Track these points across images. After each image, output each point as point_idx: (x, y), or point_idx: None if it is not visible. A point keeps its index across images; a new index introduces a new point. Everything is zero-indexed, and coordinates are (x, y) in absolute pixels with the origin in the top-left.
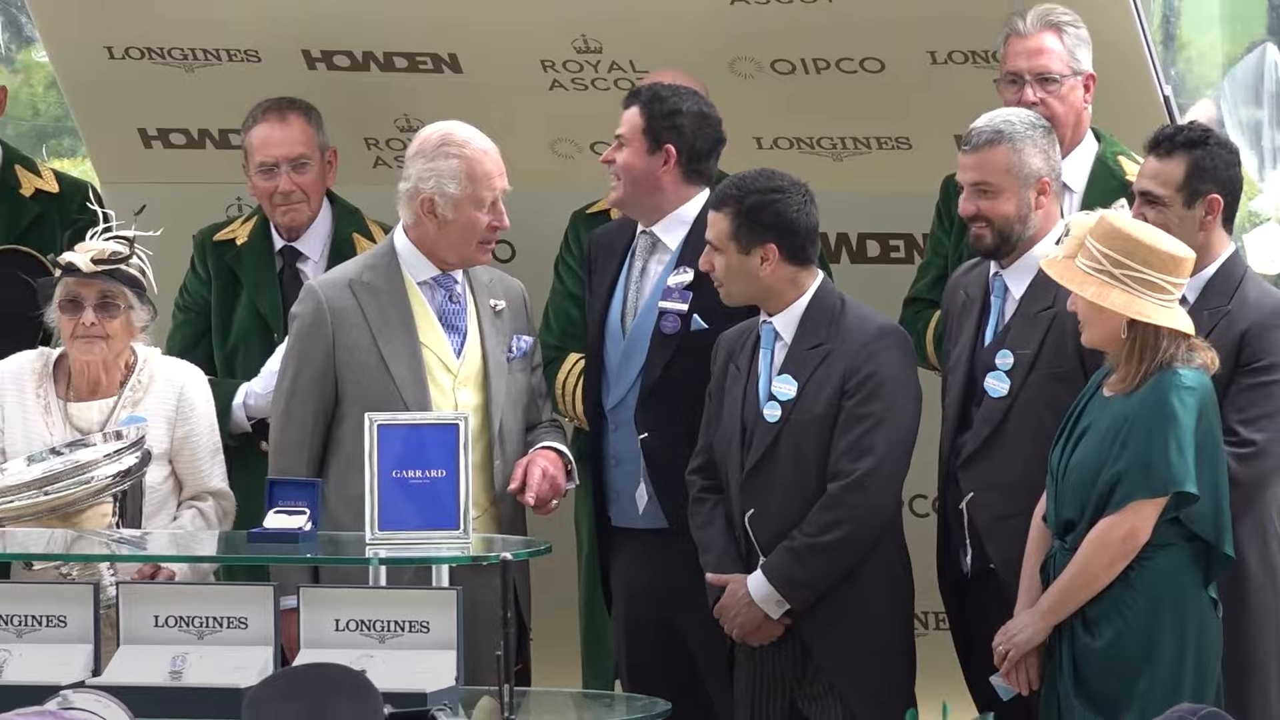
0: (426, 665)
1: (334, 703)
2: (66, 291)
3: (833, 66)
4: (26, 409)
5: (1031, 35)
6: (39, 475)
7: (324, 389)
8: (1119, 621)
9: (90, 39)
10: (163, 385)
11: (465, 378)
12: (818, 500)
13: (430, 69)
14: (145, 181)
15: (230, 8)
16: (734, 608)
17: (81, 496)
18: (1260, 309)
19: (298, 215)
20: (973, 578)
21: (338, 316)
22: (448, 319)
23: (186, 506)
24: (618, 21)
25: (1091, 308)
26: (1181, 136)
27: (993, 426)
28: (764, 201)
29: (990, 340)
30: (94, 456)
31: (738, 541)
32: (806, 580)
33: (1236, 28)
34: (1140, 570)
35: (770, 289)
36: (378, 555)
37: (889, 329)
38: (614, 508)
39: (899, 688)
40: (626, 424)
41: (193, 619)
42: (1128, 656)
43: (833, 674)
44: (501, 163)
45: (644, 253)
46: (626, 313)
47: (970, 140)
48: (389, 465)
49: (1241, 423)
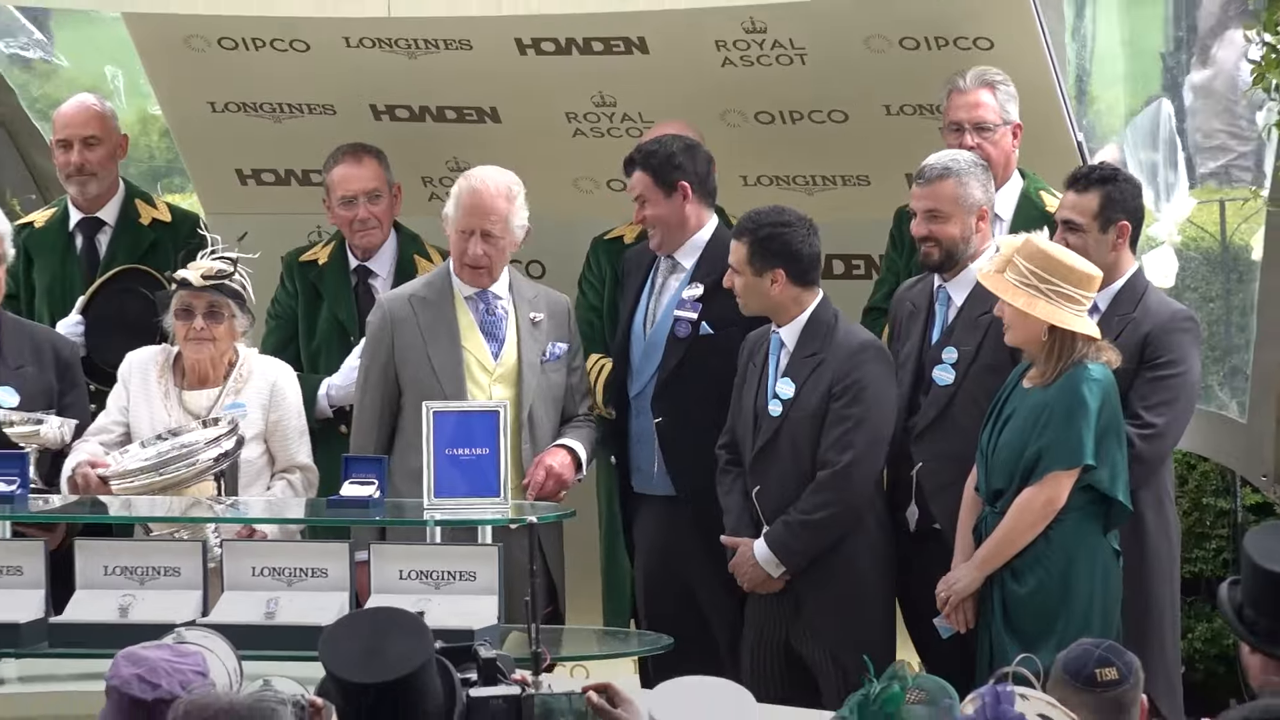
0: (473, 608)
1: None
2: (180, 301)
3: (805, 118)
4: (150, 394)
5: (970, 91)
6: (153, 459)
7: (387, 383)
8: (1040, 572)
9: (196, 96)
10: (259, 378)
11: (500, 376)
12: (810, 483)
13: (475, 120)
14: (241, 213)
15: (310, 70)
16: (743, 566)
17: (188, 476)
18: (1160, 315)
19: (373, 239)
20: (915, 536)
21: (397, 324)
22: (487, 328)
23: (278, 478)
24: (629, 81)
25: (1017, 314)
26: (1096, 174)
27: (939, 409)
28: (774, 233)
29: (937, 339)
30: (198, 441)
31: (750, 509)
32: (799, 550)
33: (1136, 85)
34: (1057, 530)
35: (778, 305)
36: (433, 518)
37: (871, 343)
38: (635, 477)
39: (877, 638)
40: (646, 410)
41: (283, 569)
42: (1048, 600)
43: (819, 625)
44: (494, 208)
45: (665, 271)
46: (648, 319)
47: (924, 175)
48: (442, 444)
49: (1145, 409)
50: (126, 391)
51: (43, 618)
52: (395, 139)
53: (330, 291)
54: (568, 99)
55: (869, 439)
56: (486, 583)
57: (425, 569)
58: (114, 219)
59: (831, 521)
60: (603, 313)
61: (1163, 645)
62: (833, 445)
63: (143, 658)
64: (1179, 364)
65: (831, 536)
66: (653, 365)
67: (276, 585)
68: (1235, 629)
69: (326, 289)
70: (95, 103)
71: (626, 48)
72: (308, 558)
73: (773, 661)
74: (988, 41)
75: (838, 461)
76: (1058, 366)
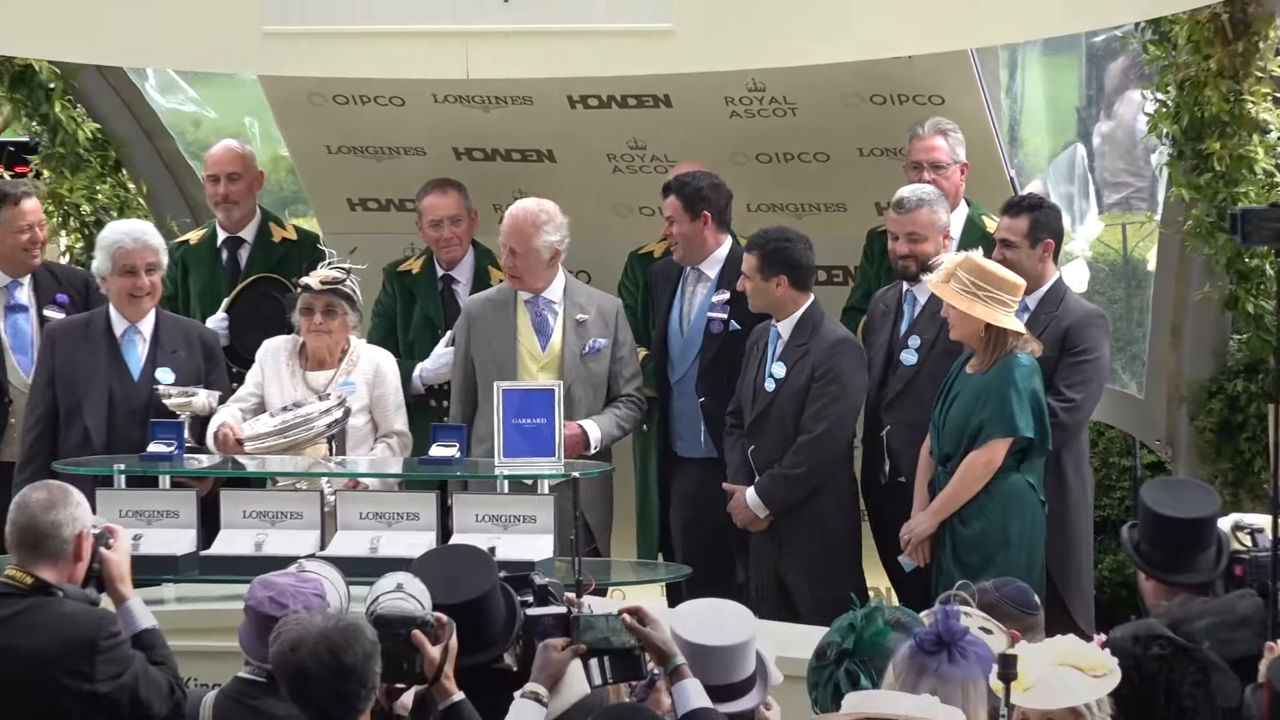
0: (533, 545)
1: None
2: (304, 302)
3: (795, 158)
4: (279, 373)
5: (927, 137)
6: (278, 426)
7: (467, 368)
8: (983, 519)
9: (316, 141)
10: (365, 362)
11: (546, 364)
12: (792, 445)
13: (535, 159)
14: (351, 233)
15: (405, 120)
16: (737, 508)
17: (305, 439)
18: (1077, 313)
19: (454, 254)
20: (886, 488)
21: (473, 323)
22: (538, 325)
23: (379, 441)
24: (656, 129)
25: (960, 314)
26: (1026, 202)
27: (905, 383)
28: (779, 247)
29: (905, 330)
30: (314, 412)
31: (746, 465)
32: (780, 497)
33: (1056, 133)
34: (995, 485)
35: (779, 303)
36: (502, 474)
37: (848, 339)
38: (679, 444)
39: (843, 569)
40: (687, 392)
41: (384, 513)
42: (989, 540)
43: (798, 556)
44: (517, 231)
45: (692, 282)
46: (683, 319)
47: (902, 205)
48: (509, 415)
49: (1066, 387)
50: (262, 370)
51: (194, 551)
52: (472, 174)
53: (421, 295)
54: (608, 143)
55: (841, 412)
56: (543, 524)
57: (495, 513)
58: (252, 237)
59: (808, 476)
60: (636, 311)
61: (1080, 573)
62: (812, 416)
63: (273, 583)
64: (1092, 352)
65: (807, 488)
66: (691, 356)
67: (379, 526)
68: (1134, 561)
69: (419, 293)
70: (237, 146)
71: (655, 103)
72: (404, 504)
73: (766, 587)
74: (940, 98)
75: (815, 429)
76: (993, 356)
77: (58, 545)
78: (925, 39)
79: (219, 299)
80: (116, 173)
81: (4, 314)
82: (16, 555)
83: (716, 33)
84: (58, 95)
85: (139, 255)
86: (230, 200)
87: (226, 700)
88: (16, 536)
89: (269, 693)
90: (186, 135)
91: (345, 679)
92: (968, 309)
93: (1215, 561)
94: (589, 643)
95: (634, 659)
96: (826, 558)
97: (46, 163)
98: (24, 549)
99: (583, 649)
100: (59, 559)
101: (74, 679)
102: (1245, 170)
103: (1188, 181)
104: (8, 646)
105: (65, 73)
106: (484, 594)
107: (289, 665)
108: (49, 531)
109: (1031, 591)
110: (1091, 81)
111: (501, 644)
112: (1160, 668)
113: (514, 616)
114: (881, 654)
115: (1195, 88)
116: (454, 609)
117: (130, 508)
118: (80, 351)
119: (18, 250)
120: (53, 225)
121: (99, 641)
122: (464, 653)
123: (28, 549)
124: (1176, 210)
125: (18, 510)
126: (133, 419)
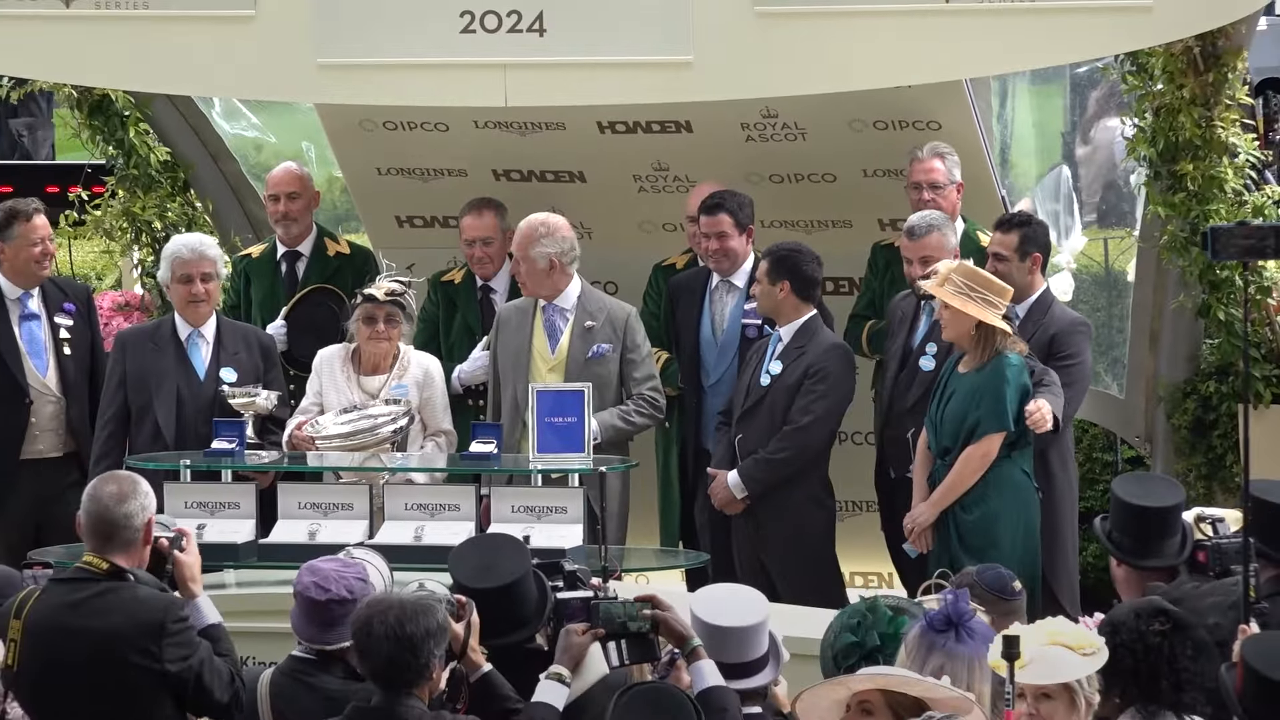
0: (564, 533)
1: (502, 556)
2: (367, 311)
3: (805, 178)
4: (335, 379)
5: (926, 160)
6: (347, 430)
7: (496, 369)
8: (983, 506)
9: (367, 163)
10: (415, 367)
11: (555, 366)
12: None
13: (568, 180)
14: (399, 247)
15: (449, 144)
16: (717, 490)
17: (371, 443)
18: (1063, 321)
19: (486, 270)
20: (896, 483)
21: (501, 327)
22: (549, 329)
23: (429, 439)
24: (678, 152)
25: (954, 313)
26: (1016, 219)
27: (925, 388)
28: (786, 255)
29: (921, 338)
30: (381, 417)
31: (731, 453)
32: (760, 479)
33: (1043, 156)
34: (992, 474)
35: (780, 308)
36: (537, 468)
37: (840, 345)
38: (711, 442)
39: (814, 548)
40: (722, 393)
41: (427, 504)
42: (989, 525)
43: (773, 537)
44: (519, 243)
45: (722, 292)
46: (715, 326)
47: (914, 232)
48: (543, 414)
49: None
50: (319, 379)
51: (253, 540)
52: (511, 194)
53: (462, 303)
54: (634, 165)
55: (827, 409)
56: (574, 515)
57: (530, 505)
58: (309, 251)
59: (789, 461)
60: (659, 318)
61: (1066, 559)
62: (800, 409)
63: (317, 569)
64: (1076, 357)
65: (785, 474)
66: (727, 360)
67: (422, 516)
68: (1106, 547)
69: (459, 301)
70: (296, 168)
71: (676, 128)
72: (445, 496)
73: (752, 571)
74: (937, 124)
75: (801, 420)
76: (982, 354)
77: (130, 534)
78: (923, 70)
79: (278, 308)
80: (185, 192)
81: (19, 322)
82: (91, 543)
83: (733, 65)
84: (132, 122)
85: (194, 265)
86: (289, 218)
87: (282, 677)
88: (92, 526)
89: (322, 669)
90: (249, 158)
91: (401, 646)
92: (961, 306)
93: (1180, 548)
94: (607, 628)
95: (649, 642)
96: (796, 546)
97: (121, 183)
98: (99, 538)
99: (601, 633)
100: (131, 546)
101: (144, 658)
102: (1216, 190)
103: (1163, 200)
104: (85, 627)
105: (139, 101)
106: (517, 579)
107: (360, 620)
108: (122, 523)
109: (1011, 578)
110: (1075, 109)
111: (534, 625)
112: (1163, 642)
113: (545, 600)
114: (899, 641)
115: (1170, 114)
116: (490, 593)
117: (195, 499)
118: (149, 355)
119: (30, 263)
120: (126, 240)
121: (168, 624)
122: (499, 634)
123: (103, 538)
124: (1153, 226)
125: (92, 502)
126: (199, 416)
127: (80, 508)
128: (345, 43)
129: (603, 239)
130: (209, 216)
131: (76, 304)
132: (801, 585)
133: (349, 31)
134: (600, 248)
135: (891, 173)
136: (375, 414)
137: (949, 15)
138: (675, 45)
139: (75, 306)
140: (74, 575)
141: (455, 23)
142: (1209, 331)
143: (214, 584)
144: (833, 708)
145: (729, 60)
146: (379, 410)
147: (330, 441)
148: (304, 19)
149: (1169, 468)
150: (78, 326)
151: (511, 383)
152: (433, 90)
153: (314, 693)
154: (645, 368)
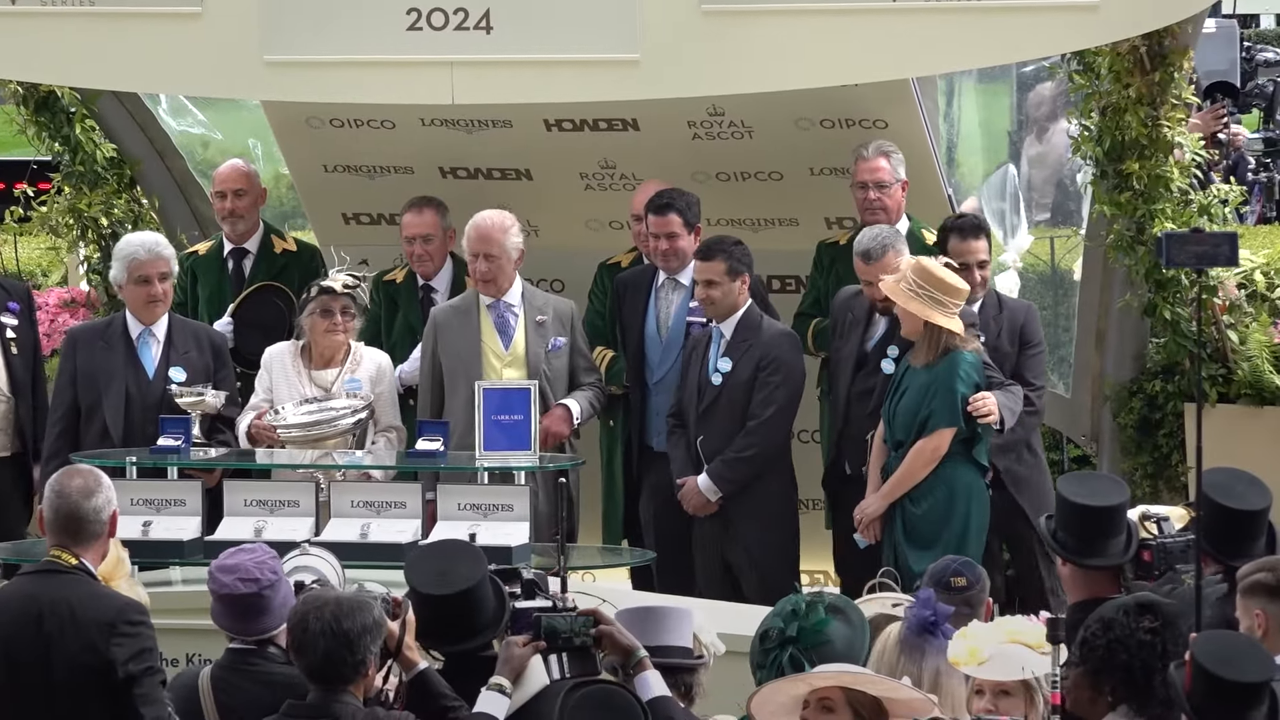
0: (510, 531)
1: (460, 563)
2: (324, 304)
3: (752, 177)
4: (287, 373)
5: (872, 159)
6: (306, 421)
7: (435, 369)
8: (931, 498)
9: (314, 160)
10: (368, 362)
11: (510, 361)
12: (740, 432)
13: (514, 178)
14: (345, 244)
15: (395, 142)
16: (689, 495)
17: (331, 435)
18: (1021, 309)
19: (425, 269)
20: (849, 478)
21: (439, 327)
22: (501, 327)
23: (380, 435)
24: (624, 151)
25: (906, 313)
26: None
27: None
28: (743, 252)
29: (878, 340)
30: (342, 409)
31: (693, 456)
32: (732, 479)
33: (990, 155)
34: (941, 469)
35: (737, 304)
36: (483, 465)
37: (788, 332)
38: (655, 439)
39: (784, 545)
40: (665, 390)
41: (374, 502)
42: (937, 517)
43: (744, 534)
44: (490, 237)
45: (668, 289)
46: (660, 323)
47: (870, 255)
48: (489, 411)
49: (1033, 377)
50: (269, 375)
51: (199, 537)
52: (457, 192)
53: (403, 302)
54: (581, 163)
55: (786, 397)
56: (520, 513)
57: (476, 502)
58: (256, 249)
59: (758, 457)
60: (604, 316)
61: (1031, 547)
62: (760, 402)
63: (234, 566)
64: (1042, 343)
65: (757, 469)
66: (672, 357)
67: (368, 514)
68: (1051, 547)
69: (401, 301)
70: (242, 165)
71: (623, 126)
72: (391, 494)
73: (712, 570)
74: (884, 122)
75: (763, 414)
76: (931, 351)
77: (97, 528)
78: (870, 69)
79: (225, 305)
80: (131, 189)
81: None
82: (56, 538)
83: (679, 63)
84: (78, 118)
85: (151, 265)
86: (236, 215)
87: (222, 670)
88: (58, 521)
89: (262, 657)
90: (195, 155)
91: (338, 642)
92: (905, 305)
93: (1125, 547)
94: (549, 641)
95: (589, 656)
96: (768, 539)
97: (67, 180)
98: (65, 533)
99: (543, 646)
100: (96, 540)
101: (90, 655)
102: (1162, 189)
103: (1110, 199)
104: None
105: (85, 98)
106: (474, 585)
107: (296, 616)
108: (90, 517)
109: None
110: (1021, 108)
111: (490, 632)
112: (1154, 639)
113: (503, 607)
114: (821, 640)
115: (1116, 113)
116: (447, 599)
117: (141, 496)
118: (99, 353)
119: None
120: (72, 237)
121: (118, 624)
122: (455, 640)
123: (69, 533)
124: (1100, 225)
125: (58, 498)
126: (147, 415)
127: (43, 503)
128: (292, 40)
129: (549, 237)
130: (155, 213)
131: (19, 303)
132: (769, 584)
133: (296, 29)
134: (547, 245)
135: (838, 171)
136: (336, 406)
137: (895, 14)
138: (622, 43)
139: (18, 306)
140: (43, 568)
141: (402, 20)
142: (1155, 331)
143: (159, 581)
144: (790, 704)
145: (676, 59)
146: (340, 403)
147: (290, 431)
148: (251, 16)
149: (1115, 467)
150: (22, 326)
151: (464, 383)
152: (379, 88)
153: (257, 680)
154: (590, 361)
